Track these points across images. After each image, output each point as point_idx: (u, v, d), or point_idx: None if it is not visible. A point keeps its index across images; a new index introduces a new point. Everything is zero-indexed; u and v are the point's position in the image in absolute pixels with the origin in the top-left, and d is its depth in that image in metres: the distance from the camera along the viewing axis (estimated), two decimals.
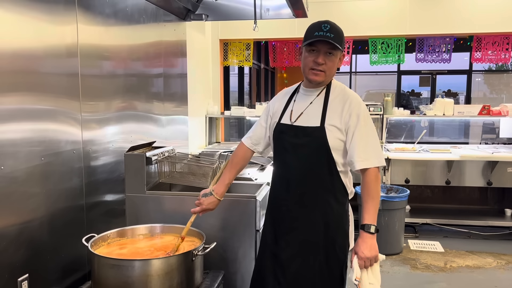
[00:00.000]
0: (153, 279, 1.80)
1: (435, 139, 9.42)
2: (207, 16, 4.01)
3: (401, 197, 4.30)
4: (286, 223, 2.01)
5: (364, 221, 1.89)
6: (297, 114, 2.01)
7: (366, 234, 1.88)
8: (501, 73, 11.64)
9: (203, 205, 2.09)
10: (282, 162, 2.03)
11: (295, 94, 2.09)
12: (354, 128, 1.92)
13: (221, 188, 2.11)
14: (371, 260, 1.87)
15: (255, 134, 2.18)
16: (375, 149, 1.94)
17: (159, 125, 3.46)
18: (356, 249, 1.90)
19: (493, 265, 4.07)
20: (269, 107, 2.17)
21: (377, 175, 1.92)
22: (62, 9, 2.22)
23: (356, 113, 1.93)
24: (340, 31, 1.92)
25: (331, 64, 1.93)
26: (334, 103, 1.97)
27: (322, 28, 1.88)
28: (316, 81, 1.96)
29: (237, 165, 2.18)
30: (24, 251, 1.95)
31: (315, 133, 1.93)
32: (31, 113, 2.00)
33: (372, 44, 5.67)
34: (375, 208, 1.91)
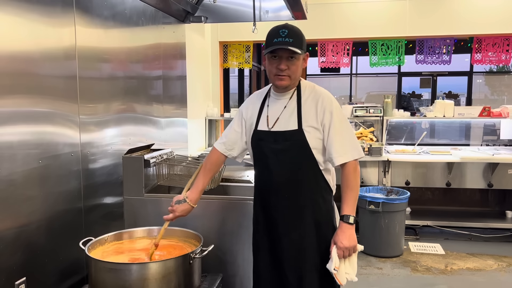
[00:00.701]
0: (150, 282, 1.79)
1: (435, 141, 9.41)
2: (206, 18, 4.01)
3: (401, 199, 4.28)
4: (279, 228, 2.03)
5: (343, 212, 1.94)
6: (273, 120, 2.03)
7: (345, 225, 1.93)
8: (502, 74, 11.62)
9: (176, 212, 2.06)
10: (265, 169, 2.04)
11: (267, 98, 2.10)
12: (329, 125, 1.96)
13: (195, 194, 2.08)
14: (350, 250, 1.93)
15: (229, 140, 2.16)
16: (352, 143, 1.99)
17: (159, 127, 3.45)
18: (335, 239, 1.94)
19: (494, 267, 4.05)
20: (241, 112, 2.17)
21: (355, 167, 1.97)
22: (60, 11, 2.22)
23: (329, 110, 1.97)
24: (299, 33, 1.95)
25: (294, 68, 1.96)
26: (307, 104, 2.00)
27: (280, 34, 1.91)
28: (282, 86, 2.00)
29: (211, 171, 2.16)
30: (21, 254, 1.94)
31: (295, 136, 1.97)
32: (29, 115, 1.99)
33: (372, 46, 5.66)
34: (354, 200, 1.96)
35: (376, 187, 4.65)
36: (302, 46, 1.94)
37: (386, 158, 4.79)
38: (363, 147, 4.80)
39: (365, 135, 5.18)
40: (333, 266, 1.91)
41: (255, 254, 2.14)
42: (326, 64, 5.81)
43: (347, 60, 5.74)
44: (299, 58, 1.96)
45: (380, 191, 4.57)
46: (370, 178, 4.94)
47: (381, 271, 3.98)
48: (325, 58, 5.76)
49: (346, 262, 1.95)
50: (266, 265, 2.08)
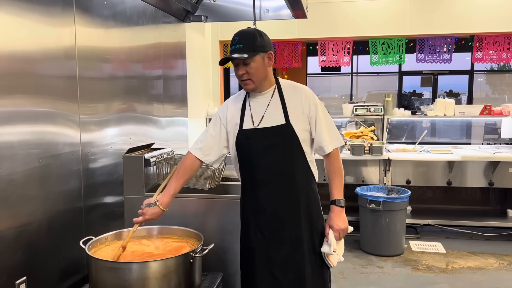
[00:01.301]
0: (150, 281, 1.79)
1: (436, 140, 9.40)
2: (206, 17, 4.01)
3: (402, 198, 4.28)
4: (274, 224, 2.04)
5: (334, 196, 2.06)
6: (259, 117, 2.06)
7: (338, 208, 2.05)
8: (503, 73, 11.60)
9: (146, 215, 2.03)
10: (255, 166, 2.05)
11: (247, 99, 2.12)
12: (315, 116, 2.04)
13: (166, 198, 2.05)
14: (344, 231, 2.05)
15: (206, 145, 2.14)
16: (335, 131, 2.11)
17: (159, 127, 3.46)
18: (330, 223, 2.05)
19: (495, 266, 4.04)
20: (219, 117, 2.16)
21: (338, 154, 2.10)
22: (60, 11, 2.22)
23: (313, 103, 2.05)
24: (251, 36, 1.98)
25: (252, 70, 1.98)
26: (290, 98, 2.06)
27: (233, 42, 1.99)
28: (248, 89, 2.06)
29: (184, 175, 2.14)
30: (22, 253, 1.95)
31: (284, 130, 2.02)
32: (29, 115, 2.00)
33: (373, 45, 5.66)
34: (342, 184, 2.09)
35: (376, 186, 4.65)
36: (253, 48, 1.95)
37: (387, 157, 4.79)
38: (364, 146, 4.80)
39: (366, 134, 5.18)
40: (332, 249, 2.00)
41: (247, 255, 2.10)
42: (326, 63, 5.80)
43: (347, 59, 5.74)
44: (255, 60, 1.97)
45: (380, 190, 4.57)
46: (371, 177, 4.94)
47: (382, 270, 3.97)
48: (326, 57, 5.75)
49: (339, 244, 2.06)
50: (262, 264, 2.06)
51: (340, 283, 3.68)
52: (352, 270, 3.95)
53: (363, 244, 4.43)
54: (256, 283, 2.06)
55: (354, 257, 4.25)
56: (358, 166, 4.94)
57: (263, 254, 2.05)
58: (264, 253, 2.05)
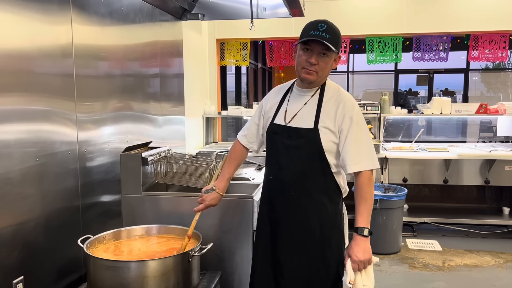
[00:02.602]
0: (149, 280, 1.78)
1: (432, 138, 9.44)
2: (203, 15, 3.99)
3: (399, 196, 4.29)
4: (282, 224, 2.01)
5: (357, 224, 1.89)
6: (291, 115, 1.99)
7: (360, 237, 1.88)
8: (498, 71, 11.66)
9: (206, 201, 2.10)
10: (275, 163, 2.01)
11: (289, 93, 2.07)
12: (347, 131, 1.91)
13: (222, 183, 2.13)
14: (365, 263, 1.88)
15: (250, 132, 2.18)
16: (368, 152, 1.93)
17: (156, 125, 3.44)
18: (349, 252, 1.90)
19: (491, 263, 4.06)
20: (262, 105, 2.16)
21: (370, 178, 1.91)
22: (56, 9, 2.20)
23: (350, 116, 1.92)
24: (337, 32, 1.89)
25: (323, 64, 1.90)
26: (328, 105, 1.95)
27: (318, 27, 1.85)
28: (308, 79, 1.93)
29: (236, 160, 2.18)
30: (19, 252, 1.94)
31: (309, 134, 1.93)
32: (25, 113, 1.98)
33: (369, 43, 5.66)
34: (369, 211, 1.90)
35: None
36: (337, 45, 1.88)
37: (384, 155, 4.79)
38: None
39: None
40: (348, 280, 1.87)
41: (255, 252, 2.13)
42: None
43: (344, 58, 5.74)
44: (330, 56, 1.89)
45: (377, 188, 4.57)
46: None
47: (379, 268, 3.98)
48: None
49: (363, 274, 1.91)
50: (262, 261, 2.06)
51: None
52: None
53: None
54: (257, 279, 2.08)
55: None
56: None
57: (268, 250, 2.03)
58: (269, 250, 2.03)
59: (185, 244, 2.02)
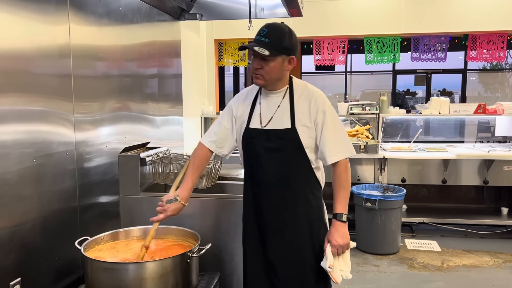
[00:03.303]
0: (147, 282, 1.77)
1: (430, 138, 9.44)
2: (201, 15, 3.99)
3: (397, 196, 4.29)
4: (271, 226, 2.02)
5: (336, 210, 1.97)
6: (266, 118, 2.01)
7: (339, 223, 1.95)
8: (496, 72, 11.68)
9: (167, 212, 2.01)
10: (257, 167, 2.02)
11: (258, 96, 2.08)
12: (322, 124, 1.97)
13: (186, 192, 2.04)
14: (344, 248, 1.95)
15: (220, 137, 2.12)
16: (344, 141, 2.00)
17: (154, 125, 3.43)
18: (329, 237, 1.96)
19: (490, 264, 4.06)
20: (231, 108, 2.13)
21: (346, 166, 1.99)
22: (54, 9, 2.19)
23: (322, 110, 1.97)
24: (281, 35, 1.89)
25: (268, 68, 1.91)
26: (300, 102, 2.00)
27: (260, 32, 1.91)
28: (257, 84, 1.99)
29: (200, 168, 2.13)
30: (16, 254, 1.92)
31: (288, 135, 1.96)
32: (23, 114, 1.97)
33: (368, 43, 5.66)
34: (346, 198, 1.99)
35: (372, 185, 4.65)
36: (278, 48, 1.88)
37: (382, 155, 4.79)
38: (359, 145, 4.80)
39: (361, 133, 5.18)
40: (327, 264, 1.92)
41: (244, 254, 2.12)
42: (321, 62, 5.80)
43: (342, 58, 5.74)
44: (275, 60, 1.90)
45: (376, 189, 4.57)
46: (366, 175, 4.94)
47: (377, 268, 3.98)
48: (321, 55, 5.75)
49: (340, 260, 1.97)
50: (255, 265, 2.06)
51: None
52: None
53: (359, 243, 4.43)
54: (250, 283, 2.08)
55: (350, 256, 4.24)
56: (354, 165, 4.94)
57: (259, 254, 2.04)
58: (260, 253, 2.04)
59: (142, 255, 1.94)
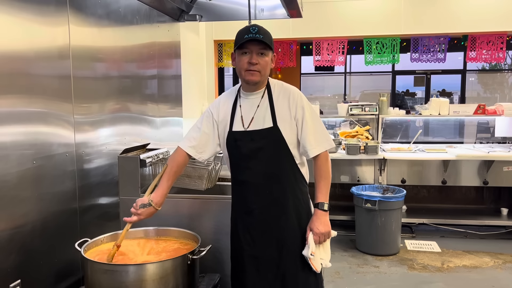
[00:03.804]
0: (148, 284, 1.77)
1: (430, 139, 9.44)
2: (201, 16, 3.99)
3: (397, 197, 4.29)
4: (261, 225, 2.05)
5: (317, 199, 2.02)
6: (248, 120, 2.05)
7: (320, 212, 2.01)
8: (495, 72, 11.69)
9: (141, 216, 2.01)
10: (244, 168, 2.05)
11: (238, 99, 2.10)
12: (301, 119, 2.03)
13: (160, 198, 2.04)
14: (325, 236, 2.01)
15: (200, 143, 2.11)
16: (323, 134, 2.07)
17: (154, 127, 3.43)
18: (311, 226, 2.01)
19: (490, 264, 4.06)
20: (211, 113, 2.13)
21: (327, 157, 2.06)
22: (54, 10, 2.19)
23: (300, 105, 2.03)
24: (269, 33, 2.00)
25: (264, 63, 1.98)
26: (279, 101, 2.05)
27: (250, 30, 1.96)
28: (253, 81, 2.00)
29: (177, 174, 2.13)
30: (15, 256, 1.92)
31: (271, 133, 2.01)
32: (22, 115, 1.96)
33: (367, 44, 5.66)
34: (327, 187, 2.05)
35: (372, 186, 4.65)
36: (271, 43, 1.99)
37: (382, 156, 4.79)
38: (359, 146, 4.80)
39: (361, 134, 5.18)
40: (309, 252, 1.97)
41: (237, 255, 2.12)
42: (321, 63, 5.80)
43: (342, 59, 5.74)
44: (268, 55, 2.00)
45: (376, 190, 4.57)
46: (366, 176, 4.94)
47: (378, 269, 3.97)
48: (320, 56, 5.75)
49: (321, 248, 2.03)
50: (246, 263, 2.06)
51: (337, 283, 3.68)
52: (348, 270, 3.94)
53: (359, 244, 4.43)
54: (244, 282, 2.08)
55: (350, 257, 4.25)
56: (353, 166, 4.94)
57: (251, 254, 2.06)
58: (252, 253, 2.06)
59: (113, 254, 1.93)
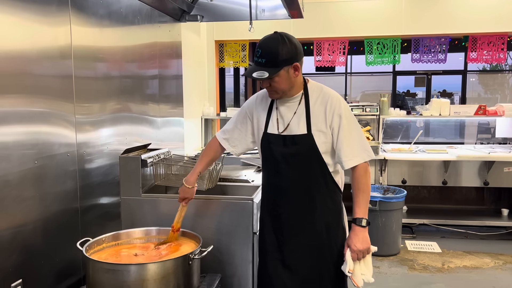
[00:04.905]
0: (149, 283, 1.77)
1: (430, 139, 9.45)
2: (202, 17, 3.99)
3: (398, 197, 4.29)
4: (287, 230, 2.02)
5: (355, 215, 1.95)
6: (284, 124, 2.00)
7: (358, 228, 1.93)
8: (496, 73, 11.69)
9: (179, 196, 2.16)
10: (275, 172, 2.03)
11: (275, 101, 2.06)
12: (338, 128, 1.94)
13: (191, 177, 2.16)
14: (364, 253, 1.93)
15: (233, 137, 2.15)
16: (361, 145, 1.97)
17: (155, 127, 3.43)
18: (348, 242, 1.95)
19: (491, 265, 4.06)
20: (246, 111, 2.14)
21: (366, 170, 1.96)
22: (55, 10, 2.19)
23: (338, 113, 1.95)
24: (274, 48, 1.85)
25: (276, 84, 1.91)
26: (316, 107, 1.98)
27: (256, 53, 1.90)
28: (275, 98, 2.01)
29: (208, 157, 2.21)
30: (17, 256, 1.92)
31: (304, 140, 1.95)
32: (24, 115, 1.97)
33: (368, 45, 5.66)
34: (366, 202, 1.96)
35: (373, 186, 4.65)
36: (276, 63, 1.85)
37: (383, 157, 4.79)
38: None
39: None
40: (347, 269, 1.92)
41: (262, 256, 2.12)
42: (322, 63, 5.80)
43: (343, 59, 5.74)
44: (279, 75, 1.88)
45: (377, 190, 4.57)
46: None
47: (378, 269, 3.98)
48: (321, 57, 5.75)
49: (362, 264, 1.96)
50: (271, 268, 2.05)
51: None
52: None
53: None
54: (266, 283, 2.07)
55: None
56: None
57: (276, 257, 2.04)
58: (277, 256, 2.04)
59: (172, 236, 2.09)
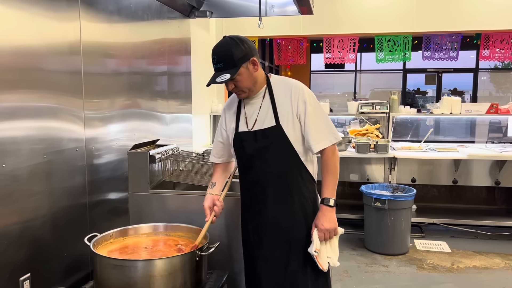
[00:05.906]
0: (156, 279, 1.76)
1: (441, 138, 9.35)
2: (211, 13, 3.97)
3: (407, 196, 4.25)
4: (268, 225, 2.04)
5: (323, 195, 1.98)
6: (252, 121, 2.05)
7: (326, 207, 1.96)
8: (508, 71, 11.53)
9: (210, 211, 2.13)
10: (250, 168, 2.06)
11: (242, 102, 2.11)
12: (304, 114, 1.98)
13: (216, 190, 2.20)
14: (331, 232, 1.96)
15: (217, 151, 2.24)
16: (327, 128, 2.00)
17: (163, 123, 3.43)
18: (316, 222, 1.98)
19: (501, 265, 4.01)
20: (221, 125, 2.21)
21: (333, 152, 2.00)
22: (65, 6, 2.19)
23: (302, 100, 1.98)
24: (228, 51, 1.90)
25: (239, 83, 1.96)
26: (281, 98, 2.02)
27: (213, 61, 1.94)
28: (242, 98, 2.06)
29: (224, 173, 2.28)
30: (25, 250, 1.93)
31: (274, 132, 1.99)
32: (33, 110, 1.98)
33: (378, 42, 5.61)
34: (334, 183, 2.00)
35: (382, 184, 4.61)
36: (233, 63, 1.90)
37: (392, 155, 4.75)
38: (369, 144, 4.76)
39: (371, 132, 5.15)
40: (314, 249, 1.93)
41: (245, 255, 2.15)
42: (331, 60, 5.76)
43: (353, 56, 5.70)
44: (240, 73, 1.92)
45: (386, 188, 4.53)
46: (375, 175, 4.90)
47: (386, 269, 3.95)
48: (331, 54, 5.71)
49: (328, 246, 1.98)
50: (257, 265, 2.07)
51: (345, 282, 3.66)
52: (357, 269, 3.92)
53: (368, 243, 4.40)
54: (255, 283, 2.09)
55: (358, 256, 4.22)
56: (363, 164, 4.91)
57: (260, 255, 2.06)
58: (261, 254, 2.06)
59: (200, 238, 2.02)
